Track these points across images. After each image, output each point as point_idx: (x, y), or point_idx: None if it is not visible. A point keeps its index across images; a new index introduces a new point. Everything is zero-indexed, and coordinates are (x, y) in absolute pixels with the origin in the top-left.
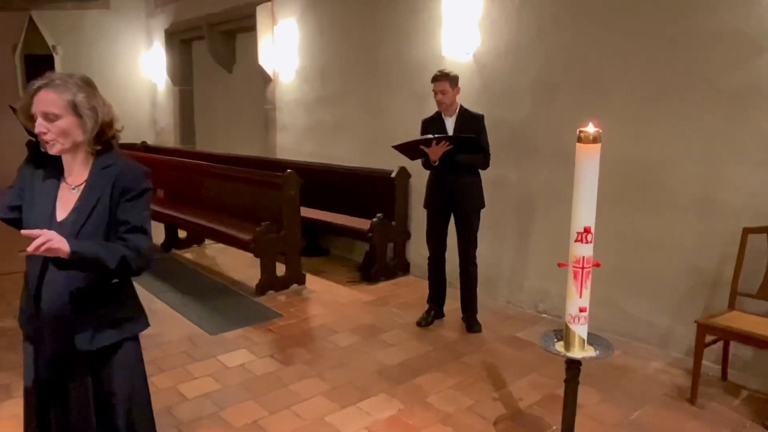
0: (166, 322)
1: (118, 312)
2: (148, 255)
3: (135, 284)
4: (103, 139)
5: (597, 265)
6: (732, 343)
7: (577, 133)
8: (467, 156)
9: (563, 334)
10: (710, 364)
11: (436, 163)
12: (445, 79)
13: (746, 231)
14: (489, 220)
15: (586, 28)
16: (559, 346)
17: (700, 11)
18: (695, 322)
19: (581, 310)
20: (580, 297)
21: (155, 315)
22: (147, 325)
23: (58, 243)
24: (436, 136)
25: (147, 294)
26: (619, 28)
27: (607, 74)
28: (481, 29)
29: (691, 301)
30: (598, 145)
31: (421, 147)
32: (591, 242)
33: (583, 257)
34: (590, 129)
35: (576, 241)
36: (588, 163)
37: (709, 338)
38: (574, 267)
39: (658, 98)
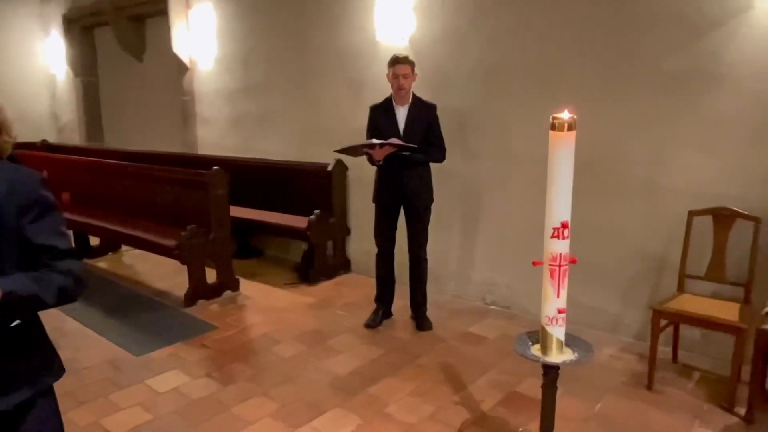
0: (81, 345)
1: (31, 360)
2: (84, 278)
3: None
4: None
5: (573, 261)
6: (681, 325)
7: (551, 119)
8: (421, 155)
9: (539, 336)
10: (660, 347)
11: (380, 163)
12: (408, 63)
13: (692, 214)
14: (435, 213)
15: (526, 12)
16: (536, 350)
17: None
18: (650, 308)
19: (559, 311)
20: (558, 297)
21: (67, 337)
22: (63, 370)
23: None
24: (380, 141)
25: (56, 312)
26: (560, 11)
27: (550, 58)
28: (417, 12)
29: (638, 286)
30: (572, 133)
31: (365, 150)
32: (568, 238)
33: (560, 254)
34: (565, 115)
35: (552, 237)
36: (562, 152)
37: (662, 323)
38: (550, 265)
39: (603, 82)
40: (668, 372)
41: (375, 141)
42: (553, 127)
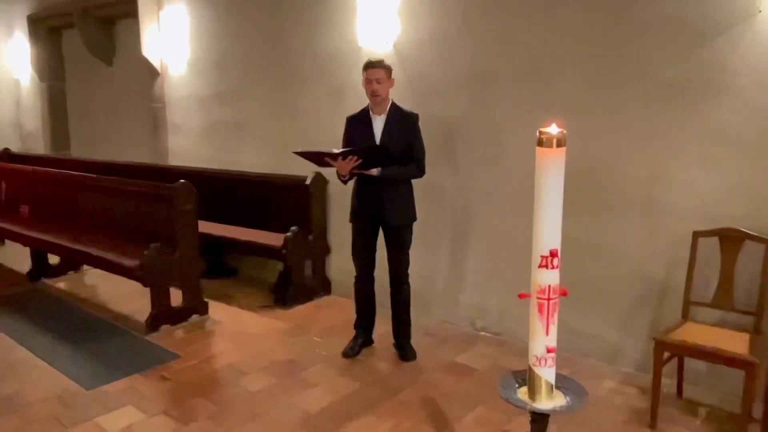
0: (28, 378)
1: None
2: None
3: None
4: None
5: (564, 294)
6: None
7: (537, 135)
8: (395, 170)
9: (526, 377)
10: (664, 379)
11: (346, 179)
12: (381, 67)
13: (696, 235)
14: (420, 231)
15: (517, 18)
16: (523, 394)
17: None
18: (653, 339)
19: (549, 350)
20: (547, 334)
21: (15, 369)
22: None
23: None
24: (342, 150)
25: (6, 340)
26: (552, 16)
27: (542, 66)
28: (401, 17)
29: (639, 312)
30: (562, 150)
31: (327, 160)
32: (557, 268)
33: (549, 286)
34: (553, 130)
35: (540, 267)
36: (551, 171)
37: (665, 355)
38: (538, 299)
39: (597, 92)
40: (672, 408)
41: (335, 150)
42: (540, 143)
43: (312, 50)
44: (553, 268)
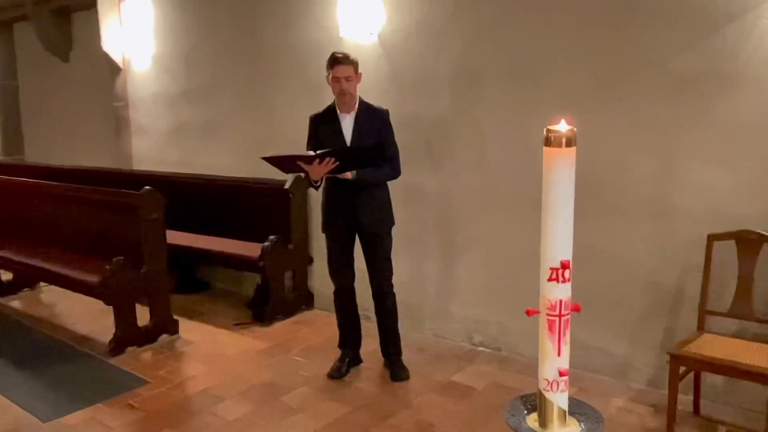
0: None
1: None
2: None
3: None
4: None
5: (576, 309)
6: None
7: (545, 133)
8: (370, 172)
9: (536, 402)
10: (679, 396)
11: (318, 184)
12: (350, 63)
13: (711, 238)
14: (405, 238)
15: (513, 5)
16: (533, 421)
17: None
18: (668, 353)
19: (561, 373)
20: (559, 355)
21: None
22: None
23: None
24: (318, 152)
25: None
26: (551, 4)
27: (540, 59)
28: (387, 5)
29: (650, 323)
30: (572, 150)
31: (300, 164)
32: (569, 281)
33: (561, 301)
34: (562, 127)
35: (550, 280)
36: (560, 174)
37: (682, 369)
38: (548, 315)
39: (601, 86)
40: (689, 427)
41: (311, 153)
42: (547, 143)
43: (288, 42)
44: (564, 281)
